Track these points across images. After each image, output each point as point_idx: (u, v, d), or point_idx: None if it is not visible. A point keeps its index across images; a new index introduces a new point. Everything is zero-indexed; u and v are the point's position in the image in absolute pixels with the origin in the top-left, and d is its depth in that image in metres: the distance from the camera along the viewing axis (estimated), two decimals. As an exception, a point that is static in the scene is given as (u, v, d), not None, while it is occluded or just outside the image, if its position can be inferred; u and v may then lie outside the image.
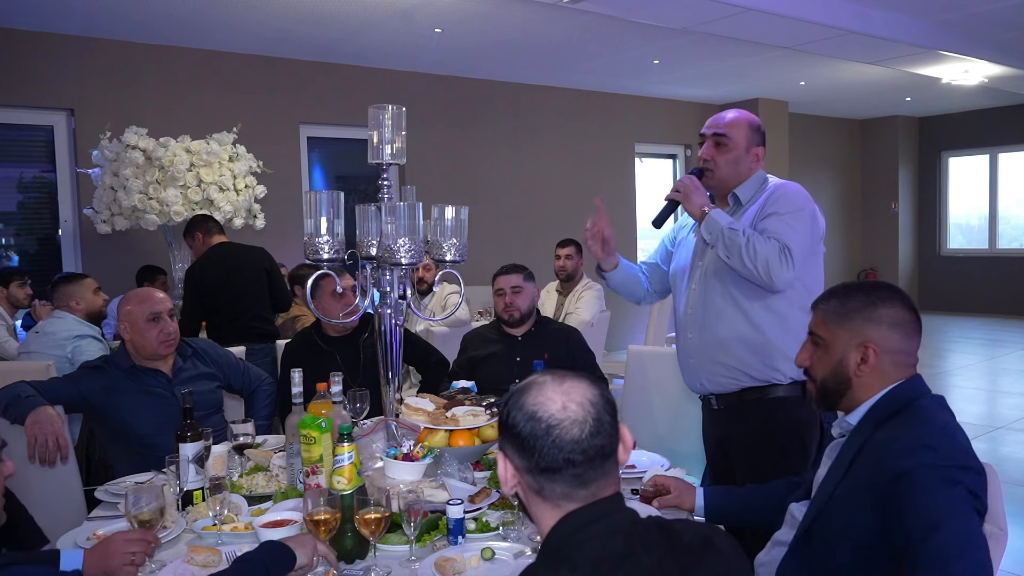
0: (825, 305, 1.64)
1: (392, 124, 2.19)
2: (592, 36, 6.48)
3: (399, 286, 2.22)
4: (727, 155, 2.35)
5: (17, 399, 2.44)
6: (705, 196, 2.30)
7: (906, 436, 1.41)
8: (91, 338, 3.68)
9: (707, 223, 2.24)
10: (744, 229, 2.18)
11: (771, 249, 2.13)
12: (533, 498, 1.19)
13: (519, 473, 1.19)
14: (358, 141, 6.82)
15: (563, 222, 8.23)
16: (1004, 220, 11.23)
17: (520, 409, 1.18)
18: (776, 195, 2.29)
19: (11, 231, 6.08)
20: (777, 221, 2.21)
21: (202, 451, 2.07)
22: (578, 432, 1.14)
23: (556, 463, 1.14)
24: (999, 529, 1.42)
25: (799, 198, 2.28)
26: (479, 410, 2.24)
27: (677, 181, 2.36)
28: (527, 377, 1.24)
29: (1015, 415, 5.93)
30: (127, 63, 6.06)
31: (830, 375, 1.61)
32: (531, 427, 1.15)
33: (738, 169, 2.37)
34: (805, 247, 2.20)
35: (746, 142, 2.36)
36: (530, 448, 1.15)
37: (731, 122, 2.36)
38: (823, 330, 1.63)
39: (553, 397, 1.17)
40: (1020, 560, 3.36)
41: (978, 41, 6.97)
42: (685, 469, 2.24)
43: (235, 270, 4.32)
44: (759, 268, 2.13)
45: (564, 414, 1.15)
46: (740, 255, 2.15)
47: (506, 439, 1.20)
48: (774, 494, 1.86)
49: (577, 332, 3.45)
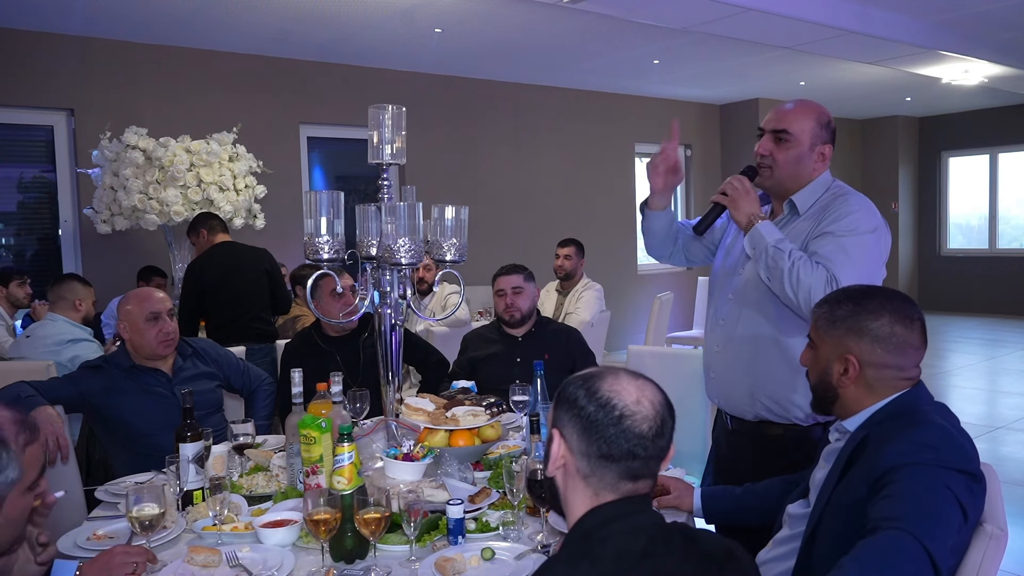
0: (818, 310, 1.62)
1: (392, 124, 2.19)
2: (592, 36, 6.47)
3: (399, 286, 2.22)
4: (788, 152, 2.06)
5: (17, 399, 2.44)
6: (756, 204, 2.03)
7: (906, 438, 1.41)
8: (86, 341, 3.63)
9: (752, 235, 2.00)
10: (792, 251, 1.93)
11: (817, 279, 1.88)
12: (575, 482, 1.21)
13: (572, 455, 1.21)
14: (358, 141, 6.81)
15: (563, 222, 8.24)
16: (1004, 220, 11.22)
17: (594, 393, 1.20)
18: (837, 208, 2.01)
19: (11, 231, 6.07)
20: (831, 243, 1.95)
21: (202, 451, 2.07)
22: (646, 428, 1.18)
23: (618, 452, 1.17)
24: (999, 529, 1.42)
25: (864, 217, 1.99)
26: (479, 410, 2.24)
27: (725, 182, 2.09)
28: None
29: (1015, 415, 5.93)
30: (127, 63, 6.06)
31: (818, 381, 1.61)
32: (603, 413, 1.18)
33: (799, 170, 2.07)
34: (858, 278, 1.87)
35: (811, 139, 2.06)
36: (597, 433, 1.18)
37: (795, 114, 2.07)
38: (815, 334, 1.62)
39: (629, 389, 1.20)
40: (1020, 560, 3.36)
41: (978, 41, 6.97)
42: (685, 469, 2.25)
43: (235, 270, 4.31)
44: (800, 298, 1.90)
45: (637, 407, 1.19)
46: (781, 280, 1.92)
47: (569, 419, 1.21)
48: (771, 493, 1.86)
49: (577, 332, 3.45)
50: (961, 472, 1.37)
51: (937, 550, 1.28)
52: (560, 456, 1.22)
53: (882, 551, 1.28)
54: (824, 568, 1.35)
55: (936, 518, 1.31)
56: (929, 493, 1.33)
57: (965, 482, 1.37)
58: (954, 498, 1.34)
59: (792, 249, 1.95)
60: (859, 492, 1.43)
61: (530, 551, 1.69)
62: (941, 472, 1.35)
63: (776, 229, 2.01)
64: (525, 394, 2.51)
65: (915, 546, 1.27)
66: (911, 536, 1.27)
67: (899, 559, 1.27)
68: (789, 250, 1.94)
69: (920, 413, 1.49)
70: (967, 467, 1.38)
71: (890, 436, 1.44)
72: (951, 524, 1.33)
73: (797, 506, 1.69)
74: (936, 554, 1.27)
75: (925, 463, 1.36)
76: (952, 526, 1.34)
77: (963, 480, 1.37)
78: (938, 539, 1.29)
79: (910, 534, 1.28)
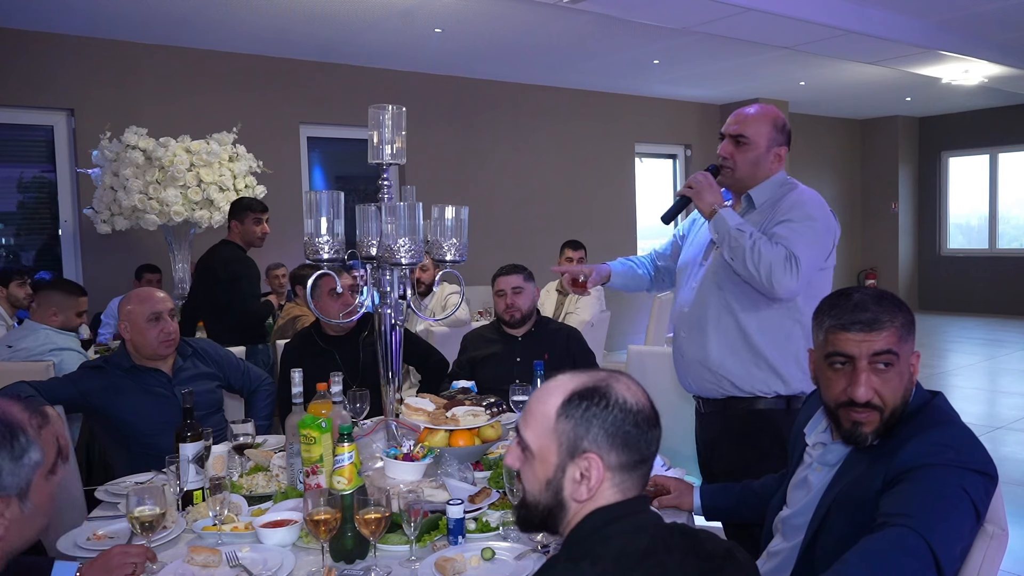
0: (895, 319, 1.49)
1: (392, 124, 2.19)
2: (592, 36, 6.47)
3: (399, 286, 2.22)
4: (746, 154, 2.27)
5: (17, 399, 2.44)
6: (718, 194, 2.22)
7: (927, 438, 1.39)
8: (69, 351, 3.44)
9: (715, 221, 2.18)
10: (752, 232, 2.12)
11: (776, 255, 2.06)
12: (597, 497, 1.17)
13: (611, 471, 1.16)
14: (358, 141, 6.81)
15: (563, 222, 8.24)
16: (1004, 220, 11.23)
17: (625, 408, 1.16)
18: (791, 201, 2.21)
19: (11, 231, 6.08)
20: (788, 228, 2.14)
21: (202, 451, 2.07)
22: (654, 417, 1.19)
23: (644, 456, 1.18)
24: (1000, 529, 1.41)
25: (814, 207, 2.20)
26: (479, 410, 2.24)
27: (690, 177, 2.27)
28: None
29: (1015, 415, 5.93)
30: (127, 63, 6.06)
31: (900, 400, 1.49)
32: (629, 418, 1.16)
33: (757, 169, 2.28)
34: (813, 259, 2.13)
35: (767, 141, 2.26)
36: (633, 445, 1.16)
37: (752, 119, 2.27)
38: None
39: (637, 392, 1.20)
40: (1020, 560, 3.36)
41: (978, 41, 6.97)
42: (684, 469, 2.25)
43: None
44: (762, 273, 2.07)
45: (651, 411, 1.19)
46: (744, 257, 2.09)
47: (604, 438, 1.15)
48: (768, 491, 1.86)
49: (577, 332, 3.45)
50: (979, 473, 1.36)
51: (942, 549, 1.27)
52: (599, 480, 1.16)
53: (886, 547, 1.28)
54: (826, 566, 1.35)
55: (946, 518, 1.30)
56: (944, 493, 1.32)
57: (983, 484, 1.36)
58: (969, 500, 1.33)
59: (752, 231, 2.13)
60: (873, 489, 1.42)
61: (530, 551, 1.68)
62: (960, 473, 1.34)
63: (736, 215, 2.20)
64: (525, 394, 2.51)
65: (920, 544, 1.26)
66: (917, 534, 1.27)
67: (902, 555, 1.26)
68: (750, 231, 2.12)
69: (941, 412, 1.48)
70: (986, 468, 1.37)
71: (910, 435, 1.43)
72: (962, 526, 1.33)
73: (788, 513, 1.68)
74: (940, 553, 1.27)
75: (945, 464, 1.35)
76: (963, 528, 1.33)
77: (981, 481, 1.36)
78: (945, 539, 1.28)
79: (917, 532, 1.27)
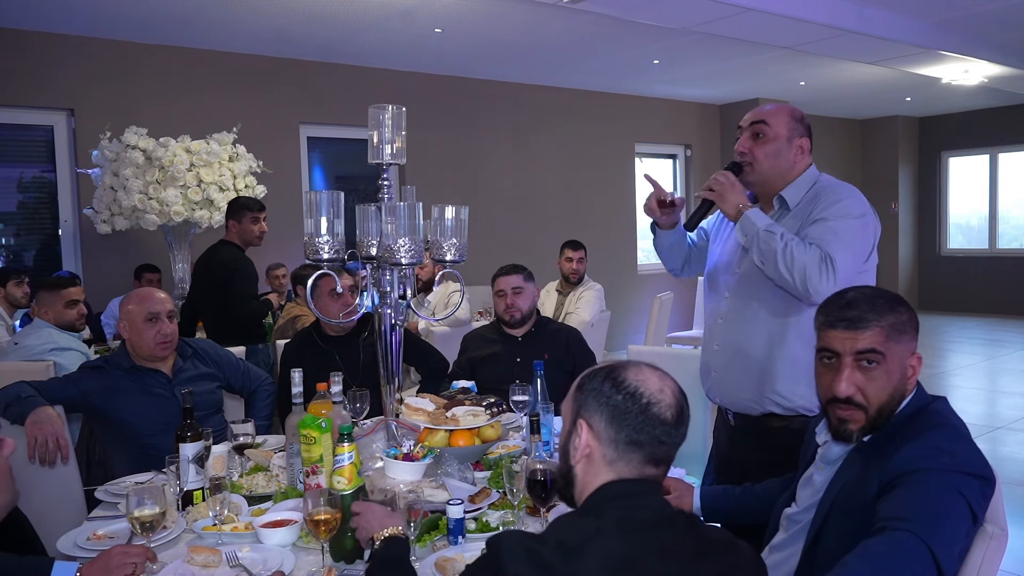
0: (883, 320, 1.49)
1: (392, 124, 2.18)
2: (592, 36, 6.47)
3: (399, 286, 2.22)
4: (766, 147, 2.12)
5: (17, 399, 2.44)
6: (743, 194, 2.07)
7: (923, 441, 1.39)
8: (71, 351, 3.46)
9: (743, 223, 2.03)
10: (783, 233, 1.98)
11: (811, 257, 1.92)
12: (598, 467, 1.26)
13: (599, 443, 1.26)
14: (358, 141, 6.82)
15: (563, 222, 8.24)
16: (1004, 220, 11.23)
17: (621, 383, 1.26)
18: (826, 198, 2.06)
19: (11, 231, 6.07)
20: (822, 227, 1.99)
21: (202, 451, 2.07)
22: (670, 416, 1.25)
23: (645, 438, 1.24)
24: (999, 529, 1.41)
25: (852, 203, 2.04)
26: (479, 410, 2.24)
27: (711, 178, 2.13)
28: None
29: (1015, 415, 5.93)
30: (127, 63, 6.06)
31: (887, 399, 1.49)
32: (631, 401, 1.25)
33: (780, 163, 2.13)
34: (851, 260, 1.96)
35: (787, 131, 2.12)
36: (625, 421, 1.24)
37: (769, 111, 2.16)
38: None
39: (652, 378, 1.27)
40: (1020, 560, 3.36)
41: (978, 41, 6.97)
42: (685, 469, 2.24)
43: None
44: (796, 277, 1.93)
45: (662, 396, 1.26)
46: (775, 261, 1.95)
47: (596, 408, 1.27)
48: (770, 494, 1.85)
49: (577, 332, 3.45)
50: (975, 477, 1.36)
51: (942, 553, 1.28)
52: (586, 445, 1.27)
53: (887, 551, 1.28)
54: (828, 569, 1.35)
55: (945, 522, 1.30)
56: (941, 497, 1.32)
57: (979, 486, 1.36)
58: (965, 503, 1.33)
59: (783, 231, 1.99)
60: (870, 493, 1.42)
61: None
62: (956, 476, 1.34)
63: (765, 215, 2.06)
64: (525, 394, 2.51)
65: (920, 548, 1.27)
66: (917, 538, 1.27)
67: (903, 560, 1.27)
68: (780, 232, 1.98)
69: (938, 415, 1.48)
70: (982, 472, 1.37)
71: (907, 438, 1.43)
72: (959, 529, 1.33)
73: (794, 511, 1.68)
74: (941, 557, 1.27)
75: (940, 467, 1.35)
76: (961, 531, 1.33)
77: (977, 485, 1.36)
78: (945, 542, 1.29)
79: (917, 536, 1.27)
